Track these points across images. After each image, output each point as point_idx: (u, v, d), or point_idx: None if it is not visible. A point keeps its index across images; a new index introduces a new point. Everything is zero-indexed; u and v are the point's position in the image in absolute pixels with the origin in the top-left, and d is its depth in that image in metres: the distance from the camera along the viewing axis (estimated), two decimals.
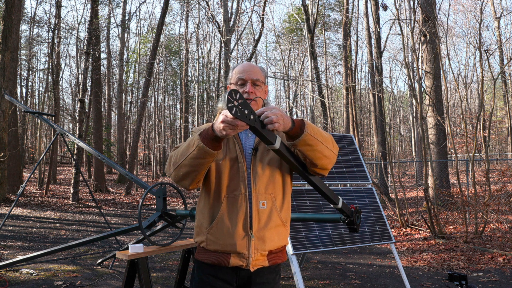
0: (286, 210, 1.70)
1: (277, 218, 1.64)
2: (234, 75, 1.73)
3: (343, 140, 4.63)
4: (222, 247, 1.60)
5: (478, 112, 12.50)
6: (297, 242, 3.55)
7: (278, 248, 1.67)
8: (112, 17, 25.18)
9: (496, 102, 28.56)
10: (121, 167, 4.48)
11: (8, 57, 10.81)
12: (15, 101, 5.70)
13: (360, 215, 2.16)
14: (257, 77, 1.68)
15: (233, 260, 1.59)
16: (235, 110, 1.37)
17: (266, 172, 1.64)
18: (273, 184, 1.65)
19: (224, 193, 1.61)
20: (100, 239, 3.97)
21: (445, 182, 10.82)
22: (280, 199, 1.67)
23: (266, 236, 1.61)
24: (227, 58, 16.23)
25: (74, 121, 23.82)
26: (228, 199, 1.61)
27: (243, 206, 1.59)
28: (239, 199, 1.60)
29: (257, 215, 1.60)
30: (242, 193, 1.60)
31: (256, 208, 1.60)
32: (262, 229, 1.60)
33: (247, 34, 32.43)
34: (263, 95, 1.73)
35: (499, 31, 23.06)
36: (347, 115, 19.75)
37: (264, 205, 1.61)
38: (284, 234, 1.69)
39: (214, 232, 1.60)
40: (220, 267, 1.62)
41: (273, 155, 1.67)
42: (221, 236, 1.59)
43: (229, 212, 1.60)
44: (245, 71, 1.69)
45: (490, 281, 4.79)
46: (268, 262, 1.64)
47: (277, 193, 1.66)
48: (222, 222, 1.59)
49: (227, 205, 1.60)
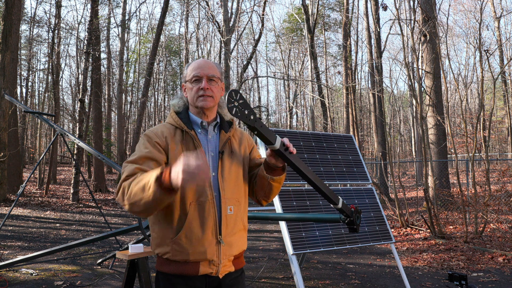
0: (246, 214, 1.71)
1: (241, 223, 1.63)
2: (189, 72, 1.64)
3: (343, 140, 4.63)
4: (191, 256, 1.52)
5: (478, 112, 12.50)
6: (297, 242, 3.55)
7: (241, 252, 1.66)
8: (112, 17, 25.21)
9: (496, 102, 28.56)
10: (121, 167, 4.48)
11: (8, 57, 10.81)
12: (15, 101, 5.70)
13: (360, 215, 2.16)
14: (212, 73, 1.61)
15: (203, 269, 1.53)
16: (235, 110, 1.37)
17: (232, 176, 1.61)
18: (238, 188, 1.63)
19: (189, 201, 1.52)
20: (100, 239, 3.97)
21: (445, 182, 10.82)
22: (243, 203, 1.66)
23: (233, 241, 1.59)
24: (227, 58, 16.23)
25: (74, 121, 23.82)
26: (194, 206, 1.52)
27: (211, 212, 1.53)
28: (207, 205, 1.53)
29: (225, 221, 1.56)
30: (210, 199, 1.53)
31: (225, 213, 1.56)
32: (230, 235, 1.57)
33: (247, 34, 32.43)
34: (220, 92, 1.66)
35: (499, 31, 23.07)
36: (347, 115, 19.75)
37: (231, 210, 1.58)
38: (245, 238, 1.69)
39: (180, 241, 1.51)
40: (188, 277, 1.54)
41: (237, 159, 1.63)
42: (189, 245, 1.51)
43: (197, 219, 1.52)
44: (199, 67, 1.62)
45: (490, 281, 4.79)
46: (234, 267, 1.63)
47: (241, 197, 1.64)
48: (190, 230, 1.51)
49: (194, 213, 1.52)
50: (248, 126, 1.45)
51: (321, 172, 4.14)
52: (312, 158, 4.18)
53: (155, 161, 1.51)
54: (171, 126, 1.62)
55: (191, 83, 1.62)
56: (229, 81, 17.66)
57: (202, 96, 1.59)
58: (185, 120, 1.63)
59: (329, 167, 4.24)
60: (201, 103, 1.59)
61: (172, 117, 1.65)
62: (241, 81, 18.76)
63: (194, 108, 1.64)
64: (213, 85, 1.62)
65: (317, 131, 16.05)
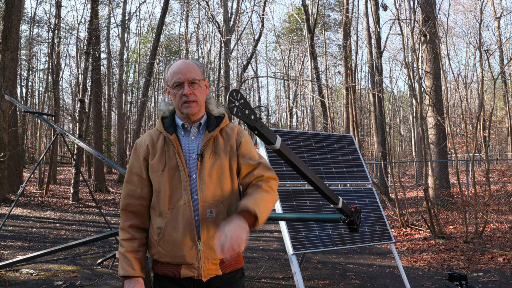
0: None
1: None
2: (169, 77, 1.63)
3: (343, 140, 4.63)
4: (172, 259, 1.56)
5: (478, 112, 12.50)
6: (297, 242, 3.55)
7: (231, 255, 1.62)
8: (112, 17, 25.20)
9: (496, 102, 28.57)
10: (121, 167, 4.49)
11: (8, 57, 10.81)
12: (15, 101, 5.70)
13: (360, 215, 2.16)
14: (193, 77, 1.59)
15: (184, 271, 1.56)
16: (236, 110, 1.37)
17: (214, 179, 1.57)
18: (221, 190, 1.58)
19: (167, 205, 1.56)
20: (100, 239, 3.97)
21: (445, 182, 10.82)
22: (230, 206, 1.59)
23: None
24: (227, 58, 16.22)
25: (74, 121, 23.81)
26: (172, 210, 1.55)
27: (187, 215, 1.53)
28: (183, 209, 1.54)
29: (205, 224, 1.54)
30: (186, 202, 1.54)
31: (204, 217, 1.54)
32: (212, 238, 1.54)
33: (247, 34, 32.43)
34: (203, 92, 1.65)
35: (499, 31, 23.07)
36: (347, 115, 19.75)
37: (212, 213, 1.55)
38: None
39: (162, 244, 1.57)
40: (174, 279, 1.58)
41: (221, 160, 1.60)
42: (170, 248, 1.55)
43: (174, 223, 1.54)
44: (180, 72, 1.59)
45: (490, 281, 4.79)
46: (221, 270, 1.59)
47: (225, 199, 1.58)
48: (168, 234, 1.55)
49: (171, 217, 1.54)
50: (249, 126, 1.45)
51: (321, 172, 4.14)
52: (312, 158, 4.18)
53: (138, 176, 1.64)
54: (156, 132, 1.67)
55: (173, 89, 1.61)
56: (229, 81, 17.66)
57: (186, 102, 1.59)
58: (168, 124, 1.65)
59: (329, 167, 4.24)
60: (186, 110, 1.60)
61: (158, 123, 1.69)
62: (241, 81, 18.76)
63: (180, 113, 1.65)
64: (195, 88, 1.60)
65: (317, 131, 16.06)
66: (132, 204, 1.63)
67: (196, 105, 1.60)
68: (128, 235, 1.61)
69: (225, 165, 1.60)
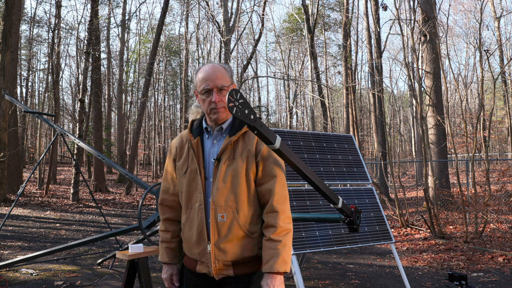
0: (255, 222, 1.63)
1: (239, 231, 1.59)
2: (198, 83, 1.66)
3: (343, 140, 4.63)
4: (190, 254, 1.70)
5: (478, 112, 12.49)
6: (297, 242, 3.55)
7: (244, 258, 1.62)
8: (112, 17, 25.20)
9: (496, 102, 28.56)
10: (121, 167, 4.48)
11: (8, 57, 10.80)
12: (15, 101, 5.69)
13: (360, 215, 2.16)
14: (222, 83, 1.62)
15: (199, 267, 1.66)
16: (236, 110, 1.37)
17: (228, 184, 1.59)
18: (235, 196, 1.59)
19: (186, 206, 1.68)
20: (100, 239, 3.97)
21: (445, 182, 10.81)
22: (245, 211, 1.60)
23: (227, 248, 1.59)
24: (227, 58, 16.22)
25: (74, 121, 23.81)
26: (189, 211, 1.66)
27: (200, 218, 1.61)
28: (197, 211, 1.62)
29: (215, 227, 1.59)
30: (200, 205, 1.62)
31: (214, 220, 1.59)
32: (222, 241, 1.59)
33: (247, 34, 32.43)
34: None
35: (499, 31, 23.06)
36: (347, 115, 19.75)
37: (223, 217, 1.58)
38: (251, 244, 1.62)
39: (183, 239, 1.73)
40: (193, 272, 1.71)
41: (237, 165, 1.60)
42: (188, 244, 1.69)
43: (190, 223, 1.65)
44: (208, 78, 1.62)
45: (490, 281, 4.79)
46: (234, 272, 1.61)
47: (240, 205, 1.59)
48: (186, 232, 1.68)
49: (188, 217, 1.66)
50: (248, 126, 1.45)
51: (321, 172, 4.14)
52: (312, 158, 4.18)
53: (171, 174, 1.80)
54: (186, 134, 1.76)
55: (202, 94, 1.65)
56: None
57: (214, 109, 1.63)
58: (196, 127, 1.73)
59: (329, 167, 4.24)
60: (214, 116, 1.64)
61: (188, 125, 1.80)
62: (241, 81, 18.77)
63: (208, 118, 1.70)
64: (223, 95, 1.63)
65: (317, 131, 16.05)
66: (166, 200, 1.80)
67: (224, 110, 1.64)
68: (163, 227, 1.81)
69: (241, 170, 1.60)
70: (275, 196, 1.59)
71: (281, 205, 1.59)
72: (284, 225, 1.57)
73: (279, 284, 1.53)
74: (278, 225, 1.56)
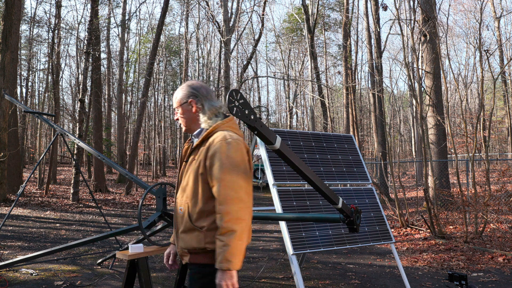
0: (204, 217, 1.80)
1: (189, 224, 1.82)
2: None
3: (343, 140, 4.63)
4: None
5: (478, 112, 12.49)
6: (297, 242, 3.55)
7: (194, 248, 1.82)
8: (112, 17, 25.19)
9: (496, 102, 28.56)
10: (121, 167, 4.48)
11: (8, 57, 10.80)
12: (15, 101, 5.69)
13: (360, 215, 2.16)
14: (174, 106, 1.98)
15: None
16: (236, 110, 1.37)
17: (185, 181, 1.88)
18: (187, 192, 1.86)
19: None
20: (100, 239, 3.97)
21: (445, 182, 10.81)
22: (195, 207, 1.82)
23: (183, 237, 1.86)
24: (227, 58, 16.22)
25: (74, 121, 23.81)
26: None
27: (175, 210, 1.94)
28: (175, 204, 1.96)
29: (176, 219, 1.92)
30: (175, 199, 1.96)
31: (177, 212, 1.91)
32: (181, 231, 1.87)
33: (247, 34, 32.44)
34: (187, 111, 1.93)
35: (499, 31, 23.06)
36: (347, 115, 19.75)
37: (181, 210, 1.87)
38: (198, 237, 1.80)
39: None
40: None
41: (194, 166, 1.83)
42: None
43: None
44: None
45: (490, 281, 4.79)
46: (189, 259, 1.86)
47: (190, 200, 1.84)
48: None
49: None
50: (248, 126, 1.45)
51: (321, 172, 4.14)
52: (312, 158, 4.18)
53: None
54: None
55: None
56: (229, 81, 17.65)
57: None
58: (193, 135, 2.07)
59: (329, 167, 4.24)
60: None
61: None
62: (241, 81, 18.77)
63: None
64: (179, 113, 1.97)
65: (317, 131, 16.04)
66: None
67: (183, 125, 1.97)
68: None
69: (196, 171, 1.84)
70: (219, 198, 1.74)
71: (225, 206, 1.71)
72: (226, 225, 1.69)
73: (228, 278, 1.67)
74: (221, 226, 1.71)
